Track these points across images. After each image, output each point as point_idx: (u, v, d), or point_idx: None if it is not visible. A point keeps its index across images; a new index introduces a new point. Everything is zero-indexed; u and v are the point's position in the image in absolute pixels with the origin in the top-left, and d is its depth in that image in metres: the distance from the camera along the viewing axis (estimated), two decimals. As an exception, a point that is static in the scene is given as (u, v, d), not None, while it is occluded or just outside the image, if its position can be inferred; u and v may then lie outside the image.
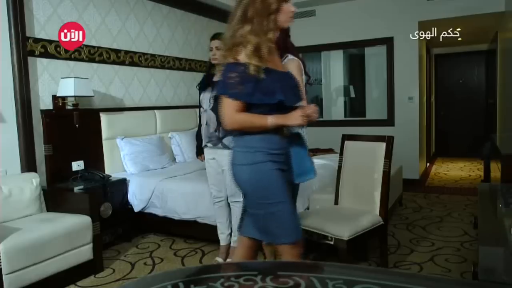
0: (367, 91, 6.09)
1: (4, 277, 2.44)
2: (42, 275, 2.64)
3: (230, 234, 3.13)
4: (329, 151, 4.91)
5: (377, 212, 2.79)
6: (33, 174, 3.17)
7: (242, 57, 1.78)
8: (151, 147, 4.15)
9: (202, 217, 3.39)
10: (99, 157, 3.88)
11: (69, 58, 3.67)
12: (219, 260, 3.12)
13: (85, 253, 2.92)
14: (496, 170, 5.30)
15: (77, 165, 3.65)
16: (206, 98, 2.99)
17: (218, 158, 2.99)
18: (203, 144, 3.07)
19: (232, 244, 3.10)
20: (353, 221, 2.64)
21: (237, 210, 3.05)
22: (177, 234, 3.74)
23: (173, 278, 1.20)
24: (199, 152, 3.19)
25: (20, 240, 2.54)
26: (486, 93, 7.82)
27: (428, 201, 4.81)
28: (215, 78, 3.01)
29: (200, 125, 3.16)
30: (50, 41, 3.50)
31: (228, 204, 3.10)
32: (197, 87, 3.15)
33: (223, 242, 3.14)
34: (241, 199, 3.01)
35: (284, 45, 2.25)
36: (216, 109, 2.92)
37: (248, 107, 1.82)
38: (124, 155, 3.96)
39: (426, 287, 1.14)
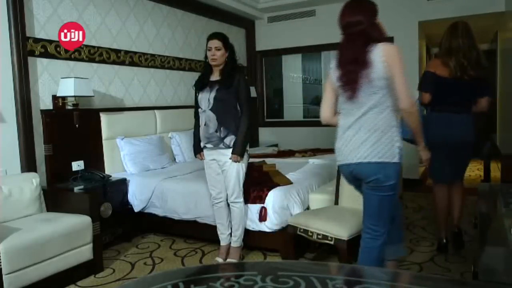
0: (367, 91, 6.08)
1: (4, 277, 2.44)
2: (42, 275, 2.64)
3: (230, 234, 3.13)
4: (329, 151, 4.90)
5: (377, 212, 2.78)
6: (33, 174, 3.17)
7: None
8: (151, 147, 4.15)
9: (202, 217, 3.39)
10: (99, 157, 3.88)
11: (69, 58, 3.67)
12: (219, 260, 3.12)
13: (85, 253, 2.92)
14: (496, 170, 5.30)
15: (77, 165, 3.65)
16: (205, 98, 2.97)
17: (219, 158, 2.99)
18: (202, 145, 3.05)
19: (232, 244, 3.10)
20: (353, 221, 2.64)
21: (236, 210, 3.05)
22: (177, 234, 3.74)
23: (173, 278, 1.20)
24: (197, 150, 3.15)
25: (20, 240, 2.54)
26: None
27: (428, 201, 4.80)
28: (213, 78, 3.00)
29: (196, 125, 3.13)
30: (50, 41, 3.50)
31: (228, 204, 3.10)
32: (193, 87, 3.13)
33: (223, 242, 3.14)
34: (241, 200, 3.03)
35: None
36: (216, 109, 2.93)
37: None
38: (124, 155, 3.96)
39: (426, 287, 1.14)
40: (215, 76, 2.99)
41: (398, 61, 1.96)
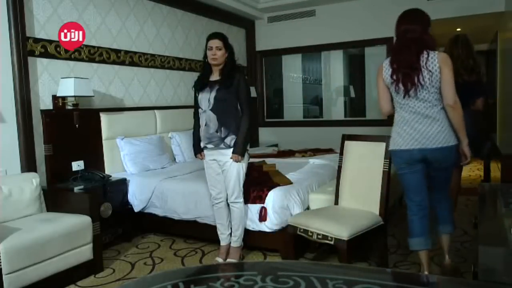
0: (367, 91, 6.08)
1: (4, 277, 2.44)
2: (42, 275, 2.64)
3: (230, 234, 3.13)
4: (329, 151, 4.91)
5: (377, 212, 2.79)
6: (33, 174, 3.17)
7: None
8: (151, 147, 4.15)
9: (202, 217, 3.39)
10: (99, 157, 3.88)
11: (69, 58, 3.67)
12: (219, 260, 3.11)
13: (85, 253, 2.92)
14: (496, 170, 5.30)
15: (77, 165, 3.65)
16: (205, 98, 2.96)
17: (220, 158, 2.99)
18: (202, 145, 3.05)
19: (232, 245, 3.10)
20: (353, 221, 2.64)
21: (236, 211, 3.05)
22: (177, 234, 3.74)
23: (173, 278, 1.20)
24: (197, 150, 3.12)
25: (20, 240, 2.54)
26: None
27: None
28: (213, 78, 3.00)
29: (196, 124, 3.12)
30: (50, 41, 3.50)
31: (227, 204, 3.10)
32: (193, 88, 3.11)
33: (223, 242, 3.14)
34: (241, 200, 3.03)
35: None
36: (216, 109, 2.93)
37: None
38: (124, 155, 3.96)
39: (426, 287, 1.14)
40: (214, 76, 2.99)
41: (449, 65, 2.34)
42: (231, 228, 3.13)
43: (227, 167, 2.97)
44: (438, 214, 2.66)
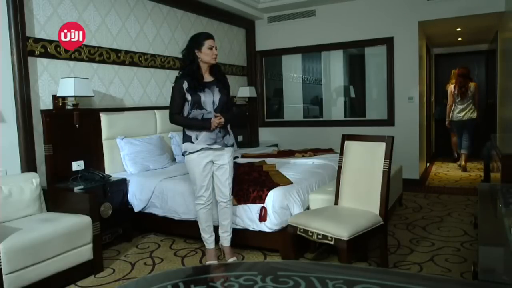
0: (367, 91, 6.08)
1: (4, 277, 2.44)
2: (42, 275, 2.64)
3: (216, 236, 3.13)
4: (329, 151, 4.91)
5: (377, 212, 2.79)
6: (33, 174, 3.17)
7: None
8: (151, 147, 4.15)
9: (202, 217, 3.38)
10: (99, 157, 3.88)
11: (69, 58, 3.67)
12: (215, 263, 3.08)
13: (85, 253, 2.92)
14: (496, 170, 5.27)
15: (77, 165, 3.65)
16: (209, 99, 2.92)
17: (216, 159, 2.97)
18: (201, 146, 2.95)
19: (226, 244, 3.09)
20: (353, 221, 2.64)
21: (229, 209, 3.06)
22: (177, 234, 3.74)
23: (173, 278, 1.20)
24: (205, 120, 2.90)
25: (20, 240, 2.54)
26: (486, 93, 7.82)
27: (428, 201, 4.81)
28: (206, 79, 2.97)
29: (179, 114, 3.00)
30: (50, 41, 3.50)
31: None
32: (187, 89, 2.91)
33: (212, 245, 3.10)
34: (231, 197, 3.05)
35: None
36: (221, 110, 2.93)
37: None
38: (124, 155, 3.96)
39: (426, 287, 1.14)
40: (206, 77, 2.97)
41: (477, 89, 6.56)
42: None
43: (225, 167, 2.97)
44: (463, 145, 6.57)
